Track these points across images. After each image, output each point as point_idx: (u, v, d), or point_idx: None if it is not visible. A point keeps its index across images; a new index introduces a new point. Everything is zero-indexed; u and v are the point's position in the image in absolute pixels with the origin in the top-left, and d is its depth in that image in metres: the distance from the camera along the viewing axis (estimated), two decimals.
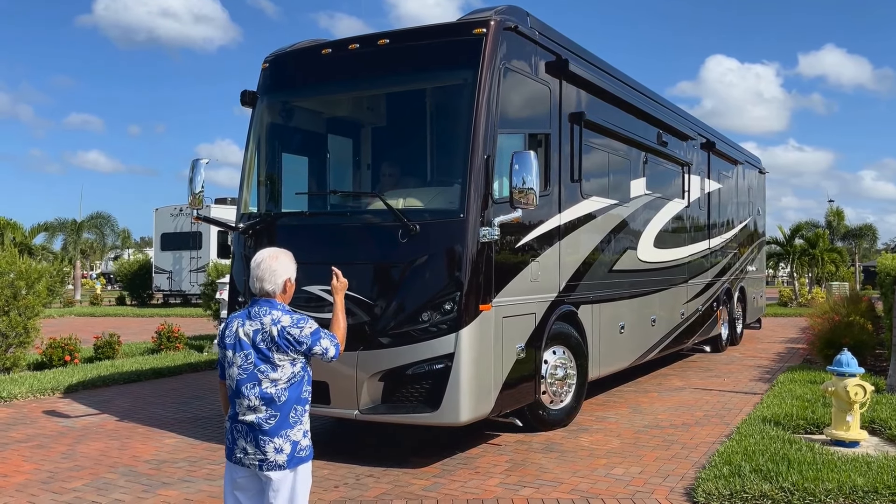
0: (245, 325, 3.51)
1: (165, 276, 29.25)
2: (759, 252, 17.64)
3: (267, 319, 3.48)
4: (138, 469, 6.43)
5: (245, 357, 3.47)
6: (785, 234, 32.70)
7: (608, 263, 9.07)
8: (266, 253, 3.64)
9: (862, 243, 44.22)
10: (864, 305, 13.41)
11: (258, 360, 3.45)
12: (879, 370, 10.48)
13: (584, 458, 6.66)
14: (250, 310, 3.56)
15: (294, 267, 3.67)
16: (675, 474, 6.12)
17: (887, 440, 7.07)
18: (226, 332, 3.58)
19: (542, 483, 5.94)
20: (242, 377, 3.46)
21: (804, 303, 27.48)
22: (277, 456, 3.43)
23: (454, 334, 6.14)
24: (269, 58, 7.90)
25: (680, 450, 6.89)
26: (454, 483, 5.97)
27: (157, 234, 29.69)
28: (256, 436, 3.43)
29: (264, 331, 3.46)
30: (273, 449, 3.42)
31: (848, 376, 6.86)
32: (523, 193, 6.11)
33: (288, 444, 3.45)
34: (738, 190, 15.27)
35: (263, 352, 3.45)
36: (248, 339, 3.48)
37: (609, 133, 8.96)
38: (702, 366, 12.42)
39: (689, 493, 5.58)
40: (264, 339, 3.45)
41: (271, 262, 3.58)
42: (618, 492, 5.69)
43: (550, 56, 7.60)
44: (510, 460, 6.61)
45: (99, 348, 12.73)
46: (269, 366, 3.44)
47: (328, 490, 5.80)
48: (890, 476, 5.54)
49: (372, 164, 7.85)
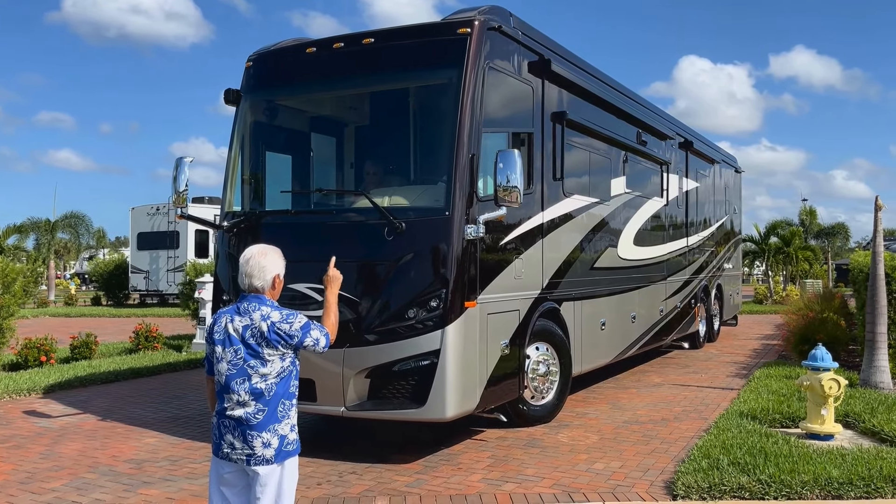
0: (234, 320, 3.53)
1: (142, 276, 28.94)
2: (736, 250, 17.87)
3: (256, 315, 3.50)
4: (118, 468, 6.38)
5: (235, 352, 3.48)
6: (760, 233, 33.16)
7: (590, 261, 9.17)
8: (255, 249, 3.65)
9: (835, 241, 44.90)
10: (837, 302, 13.64)
11: (248, 355, 3.47)
12: (853, 365, 10.68)
13: (566, 453, 6.72)
14: (239, 305, 3.58)
15: (282, 263, 3.69)
16: (655, 468, 6.20)
17: (861, 433, 7.21)
18: (214, 327, 3.58)
19: (525, 478, 5.99)
20: (232, 372, 3.48)
21: (779, 300, 27.86)
22: (265, 450, 3.44)
23: (440, 331, 6.18)
24: (252, 56, 7.87)
25: (659, 444, 6.98)
26: (437, 479, 6.00)
27: (134, 234, 29.36)
28: (244, 430, 3.44)
29: (254, 326, 3.48)
30: (261, 444, 3.44)
31: (822, 371, 6.99)
32: (508, 191, 6.17)
33: (276, 438, 3.47)
34: (715, 189, 15.46)
35: (253, 347, 3.47)
36: (238, 334, 3.49)
37: (590, 132, 9.04)
38: (680, 362, 12.56)
39: (668, 487, 5.66)
40: (254, 334, 3.48)
41: (260, 258, 3.60)
42: (599, 486, 5.76)
43: (533, 56, 7.66)
44: (492, 456, 6.65)
45: (75, 348, 12.58)
46: (258, 361, 3.47)
47: (311, 487, 5.80)
48: (864, 468, 5.66)
49: (357, 163, 7.85)
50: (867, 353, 9.24)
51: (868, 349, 9.22)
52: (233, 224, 7.45)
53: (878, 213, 9.35)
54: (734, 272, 17.73)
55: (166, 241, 27.70)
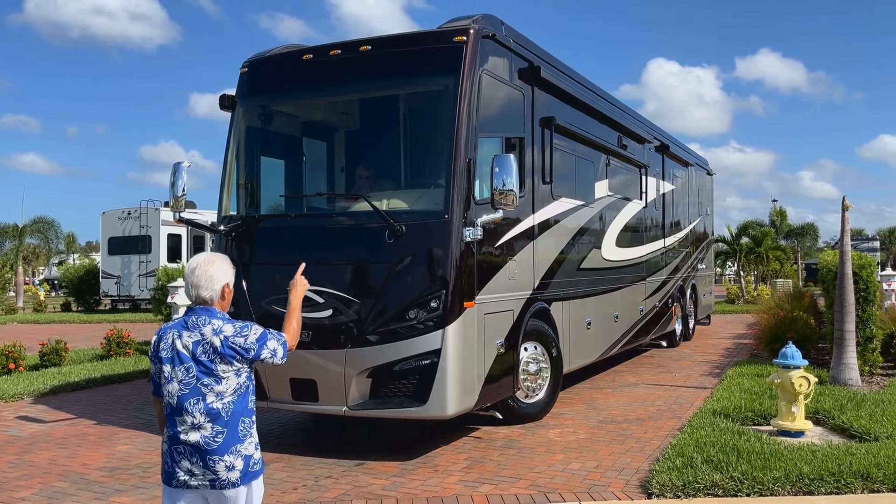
0: (182, 336, 3.26)
1: (113, 281, 28.53)
2: (708, 251, 18.18)
3: (207, 329, 3.25)
4: (90, 476, 6.28)
5: (186, 371, 3.22)
6: (732, 233, 33.61)
7: (576, 262, 9.40)
8: (202, 258, 3.40)
9: (804, 241, 45.68)
10: (807, 301, 13.87)
11: (200, 373, 3.21)
12: (822, 363, 10.86)
13: (542, 454, 6.75)
14: (187, 319, 3.31)
15: (232, 271, 3.44)
16: (630, 467, 6.25)
17: (830, 430, 7.34)
18: (160, 344, 3.30)
19: (501, 479, 6.00)
20: (184, 392, 3.20)
21: (750, 300, 28.24)
22: (230, 474, 3.20)
23: (441, 331, 6.34)
24: (247, 62, 7.98)
25: (634, 444, 7.04)
26: (414, 482, 5.99)
27: (105, 239, 28.93)
28: (204, 455, 3.18)
29: (205, 342, 3.23)
30: (224, 467, 3.19)
31: (793, 368, 7.10)
32: (504, 195, 6.36)
33: (240, 460, 3.23)
34: (689, 191, 15.77)
35: (205, 364, 3.21)
36: (188, 351, 3.23)
37: (576, 136, 9.31)
38: (654, 362, 12.68)
39: (643, 486, 5.71)
40: (205, 350, 3.22)
41: (207, 266, 3.34)
42: (575, 486, 5.79)
43: (523, 63, 7.87)
44: (469, 458, 6.66)
45: (45, 355, 12.36)
46: (213, 378, 3.21)
47: (287, 492, 5.76)
48: (834, 464, 5.75)
49: (355, 168, 7.98)
50: (836, 350, 9.40)
51: (837, 347, 9.39)
52: (232, 228, 7.49)
53: (845, 214, 9.52)
54: (707, 272, 18.05)
55: (138, 246, 27.34)
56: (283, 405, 7.01)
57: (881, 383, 9.61)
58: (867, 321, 10.03)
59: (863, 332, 9.96)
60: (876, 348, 10.25)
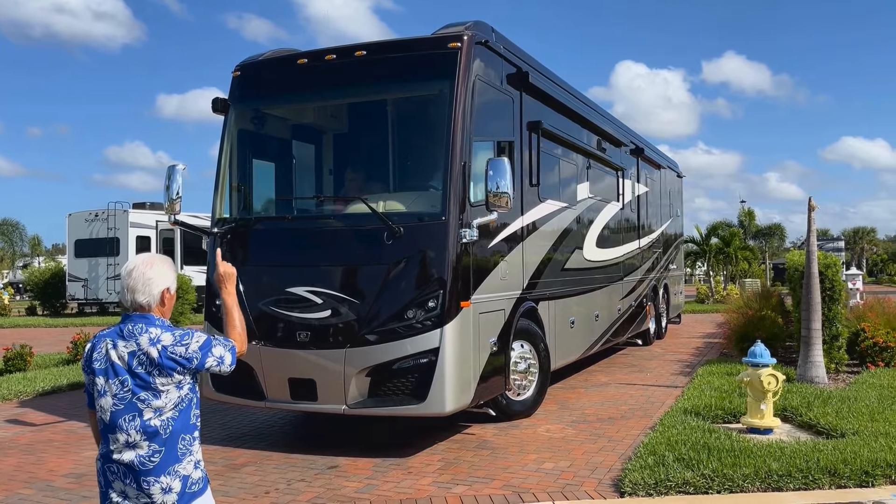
0: (118, 346, 2.96)
1: (80, 284, 28.01)
2: (679, 251, 18.62)
3: (144, 339, 2.94)
4: (56, 483, 6.16)
5: (121, 384, 2.92)
6: (702, 234, 34.01)
7: (561, 262, 9.61)
8: (139, 259, 3.10)
9: (772, 242, 46.48)
10: (774, 300, 14.08)
11: (136, 387, 2.91)
12: (790, 361, 11.03)
13: (515, 454, 6.77)
14: (122, 327, 3.01)
15: (173, 276, 3.13)
16: (603, 466, 6.29)
17: (798, 426, 7.45)
18: (94, 354, 3.01)
19: (475, 480, 6.00)
20: (119, 408, 2.91)
21: (720, 299, 28.62)
22: (166, 497, 2.92)
23: (439, 330, 6.48)
24: (240, 66, 8.04)
25: (607, 443, 7.09)
26: (387, 484, 5.97)
27: (71, 241, 28.39)
28: (138, 477, 2.90)
29: (141, 352, 2.93)
30: (160, 490, 2.91)
31: (761, 367, 7.21)
32: (498, 197, 6.54)
33: (177, 481, 2.94)
34: (662, 193, 16.15)
35: (142, 377, 2.91)
36: (123, 362, 2.94)
37: (560, 140, 9.56)
38: (626, 362, 12.78)
39: (616, 484, 5.75)
40: (142, 362, 2.92)
41: (145, 269, 3.03)
42: (548, 486, 5.81)
43: (512, 69, 8.05)
44: (442, 459, 6.65)
45: (9, 360, 12.10)
46: (150, 393, 2.91)
47: (259, 496, 5.70)
48: (802, 460, 5.85)
49: (352, 171, 8.07)
50: (803, 349, 9.56)
51: (804, 345, 9.54)
52: (229, 230, 7.54)
53: (811, 214, 9.69)
54: (678, 272, 18.44)
55: (106, 248, 26.88)
56: (282, 405, 7.07)
57: (847, 380, 9.79)
58: (833, 320, 10.21)
59: (829, 331, 10.13)
60: (842, 346, 10.44)
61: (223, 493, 5.79)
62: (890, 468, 5.70)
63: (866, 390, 8.64)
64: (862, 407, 7.68)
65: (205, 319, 7.65)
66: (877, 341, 10.71)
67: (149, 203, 28.69)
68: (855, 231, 68.23)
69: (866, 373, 10.09)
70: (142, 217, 27.31)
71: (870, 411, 7.48)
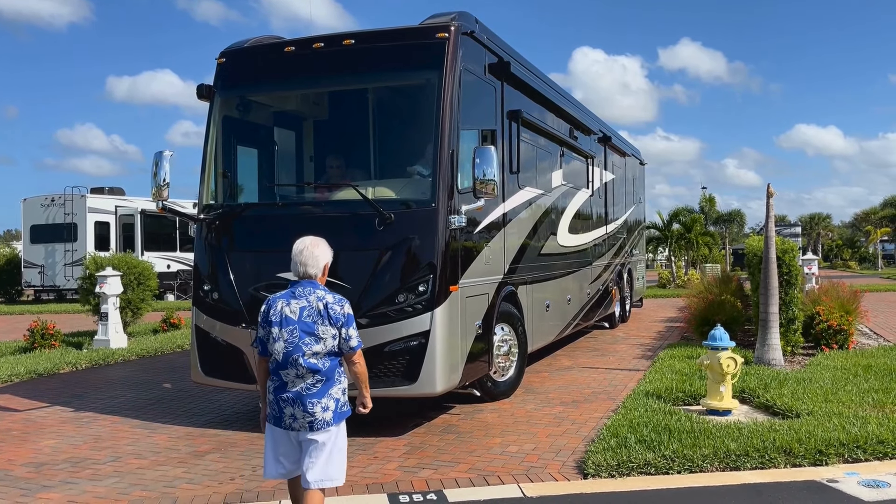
0: (290, 303, 3.99)
1: (36, 271, 27.35)
2: (641, 237, 19.07)
3: (312, 297, 3.98)
4: (15, 473, 6.05)
5: (291, 332, 3.93)
6: (664, 220, 34.48)
7: (538, 248, 9.82)
8: (308, 241, 4.11)
9: (732, 228, 47.31)
10: (734, 285, 14.32)
11: (303, 333, 3.92)
12: (748, 344, 11.29)
13: (480, 438, 6.83)
14: (294, 290, 4.03)
15: (331, 252, 4.15)
16: (567, 449, 6.39)
17: (756, 407, 7.64)
18: (270, 311, 4.02)
19: (441, 464, 6.05)
20: (289, 349, 3.92)
21: (681, 284, 29.09)
22: (325, 414, 3.91)
23: (429, 313, 6.68)
24: (225, 52, 8.03)
25: (570, 426, 7.19)
26: (353, 469, 5.96)
27: (26, 227, 27.68)
28: (304, 400, 3.89)
29: (311, 307, 3.96)
30: (321, 409, 3.90)
31: (721, 350, 7.36)
32: (485, 184, 6.77)
33: (332, 401, 3.94)
34: (626, 180, 16.52)
35: (309, 325, 3.93)
36: (295, 315, 3.95)
37: (537, 129, 9.78)
38: (589, 346, 12.95)
39: (579, 466, 5.84)
40: (310, 314, 3.94)
41: (314, 248, 4.08)
42: (513, 468, 5.88)
43: (494, 59, 8.20)
44: (408, 444, 6.68)
45: None
46: (312, 338, 3.92)
47: (224, 483, 5.67)
48: (758, 440, 6.00)
49: (341, 159, 8.08)
50: (761, 332, 9.79)
51: (762, 328, 9.77)
52: (216, 216, 7.60)
53: (769, 200, 9.89)
54: (640, 257, 18.90)
55: (63, 234, 26.27)
56: None
57: (802, 363, 10.06)
58: (790, 303, 10.46)
59: (785, 314, 10.38)
60: (798, 329, 10.71)
61: (187, 481, 5.74)
62: (843, 447, 5.88)
63: (821, 372, 8.88)
64: (816, 388, 7.89)
65: (192, 305, 7.68)
66: (831, 324, 11.01)
67: (107, 188, 28.10)
68: (811, 217, 69.57)
69: (821, 355, 10.36)
70: (100, 202, 26.74)
71: (824, 392, 7.70)
